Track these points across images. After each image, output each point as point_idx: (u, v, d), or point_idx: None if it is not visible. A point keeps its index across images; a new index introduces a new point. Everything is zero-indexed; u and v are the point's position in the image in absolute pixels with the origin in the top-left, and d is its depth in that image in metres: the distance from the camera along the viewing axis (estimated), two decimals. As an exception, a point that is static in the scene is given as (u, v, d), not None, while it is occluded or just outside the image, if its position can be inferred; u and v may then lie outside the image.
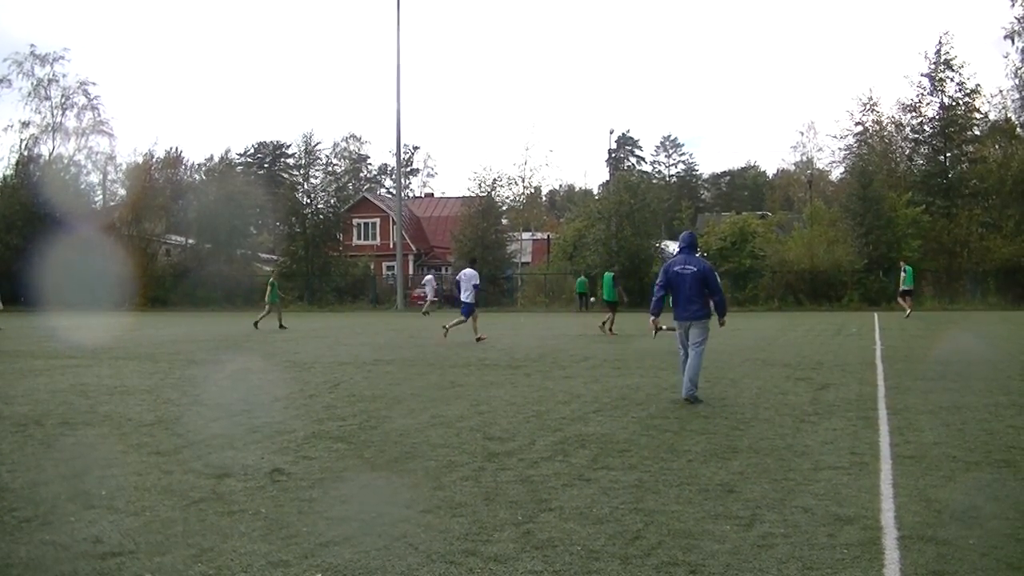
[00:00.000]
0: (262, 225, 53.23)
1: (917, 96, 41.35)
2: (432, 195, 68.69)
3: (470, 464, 5.88)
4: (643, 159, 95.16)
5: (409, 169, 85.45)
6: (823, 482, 5.30)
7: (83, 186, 47.68)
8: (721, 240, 39.82)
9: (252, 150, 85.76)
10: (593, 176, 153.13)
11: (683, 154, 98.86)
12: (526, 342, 17.50)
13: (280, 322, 22.94)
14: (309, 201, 46.17)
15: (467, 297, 17.57)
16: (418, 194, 75.55)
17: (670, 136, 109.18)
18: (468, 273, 17.84)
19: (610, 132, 69.63)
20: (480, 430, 7.19)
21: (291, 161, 64.43)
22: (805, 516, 4.55)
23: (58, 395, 9.49)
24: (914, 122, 42.04)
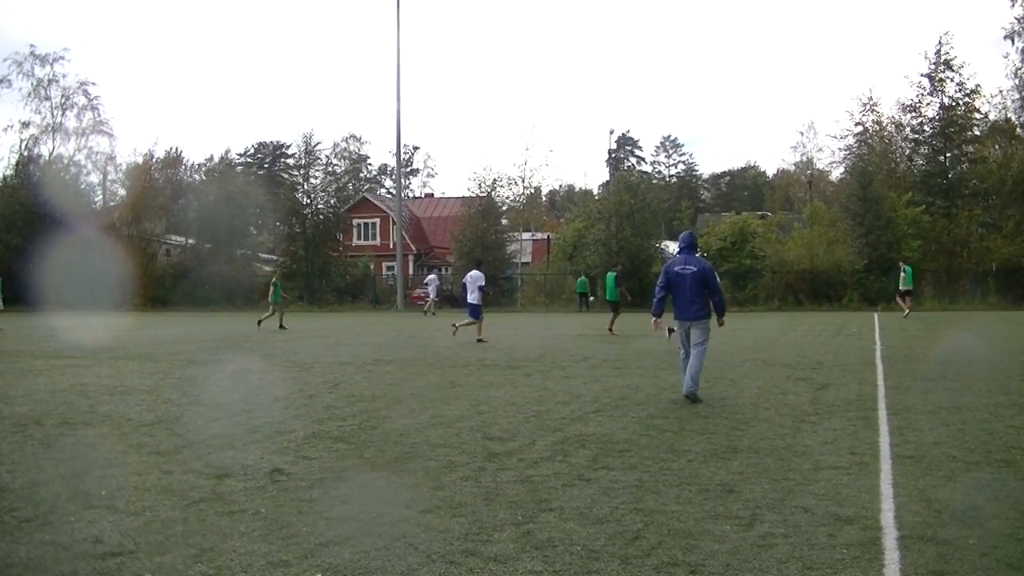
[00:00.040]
0: (262, 225, 53.26)
1: (917, 96, 41.40)
2: (432, 195, 68.73)
3: (470, 464, 5.88)
4: (643, 159, 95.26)
5: (409, 169, 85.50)
6: (823, 482, 5.30)
7: (83, 186, 47.75)
8: (721, 240, 39.84)
9: (252, 150, 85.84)
10: (593, 176, 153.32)
11: (683, 154, 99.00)
12: (526, 342, 17.50)
13: (281, 322, 22.95)
14: (309, 201, 46.18)
15: (473, 299, 17.64)
16: (418, 194, 75.60)
17: (670, 136, 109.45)
18: (474, 275, 17.95)
19: (610, 132, 69.69)
20: (480, 430, 7.19)
21: (291, 161, 64.46)
22: (805, 516, 4.55)
23: (58, 395, 9.49)
24: (914, 122, 42.06)
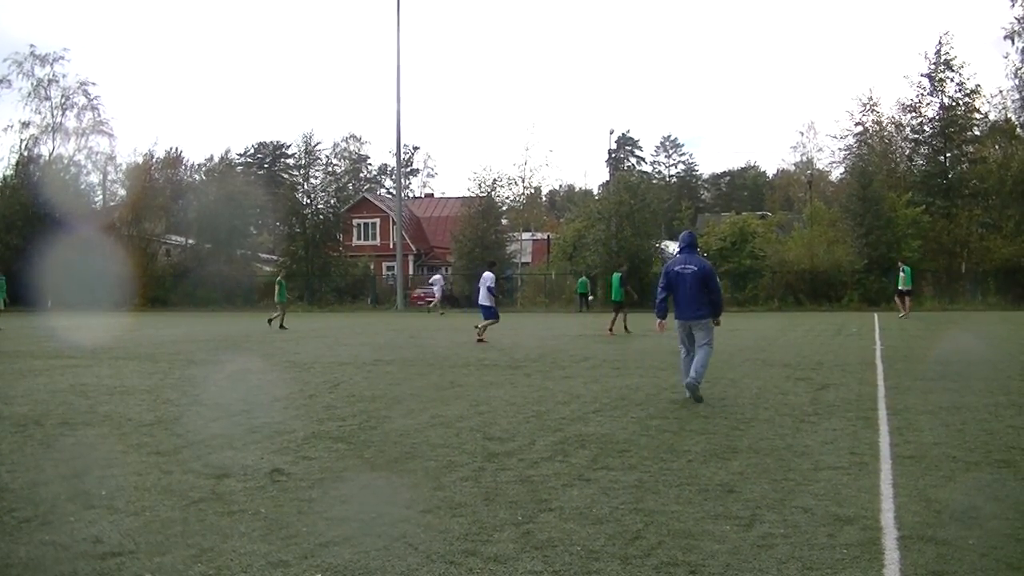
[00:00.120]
0: (262, 225, 53.27)
1: (917, 96, 41.43)
2: (432, 195, 68.76)
3: (470, 464, 5.87)
4: (643, 159, 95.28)
5: (409, 169, 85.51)
6: (823, 482, 5.30)
7: (83, 186, 47.80)
8: (721, 240, 39.85)
9: (252, 150, 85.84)
10: (593, 176, 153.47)
11: (683, 154, 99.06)
12: (526, 342, 17.50)
13: (281, 322, 22.95)
14: (309, 201, 46.19)
15: (482, 299, 17.73)
16: (418, 194, 75.63)
17: (670, 136, 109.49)
18: (485, 276, 18.10)
19: (610, 132, 69.64)
20: (480, 430, 7.19)
21: (291, 161, 64.45)
22: (805, 516, 4.54)
23: (58, 395, 9.49)
24: (914, 122, 42.09)
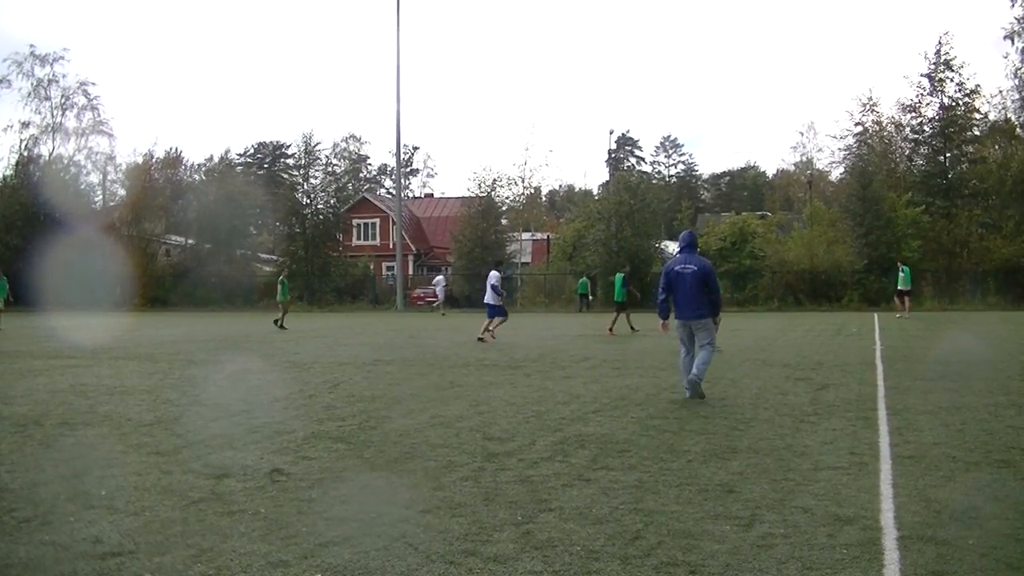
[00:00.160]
0: (262, 225, 53.27)
1: (917, 96, 41.45)
2: (432, 195, 68.75)
3: (470, 464, 5.87)
4: (643, 159, 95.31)
5: (409, 169, 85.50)
6: (823, 482, 5.29)
7: (83, 186, 47.78)
8: (721, 240, 39.86)
9: (252, 150, 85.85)
10: (593, 176, 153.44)
11: (683, 154, 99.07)
12: (526, 342, 17.50)
13: (281, 322, 22.95)
14: (309, 201, 46.19)
15: (488, 299, 17.88)
16: (418, 194, 75.62)
17: (670, 136, 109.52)
18: (491, 275, 18.33)
19: (610, 132, 69.73)
20: (480, 430, 7.19)
21: (291, 161, 64.49)
22: (805, 516, 4.54)
23: (57, 395, 9.49)
24: (914, 122, 42.11)
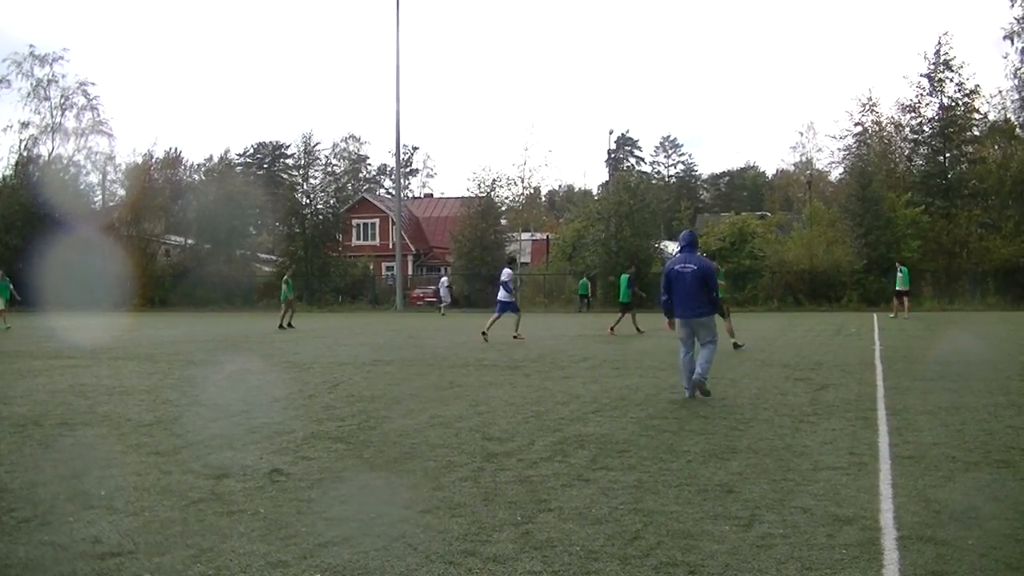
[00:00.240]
0: (261, 225, 53.30)
1: (916, 96, 41.47)
2: (431, 195, 68.78)
3: (469, 464, 5.87)
4: (642, 159, 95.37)
5: (408, 169, 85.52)
6: (822, 482, 5.29)
7: (83, 186, 47.81)
8: (720, 240, 39.86)
9: (251, 150, 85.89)
10: (593, 176, 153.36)
11: (682, 154, 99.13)
12: (526, 342, 17.49)
13: (281, 322, 22.95)
14: (308, 201, 46.19)
15: (500, 296, 18.20)
16: (417, 194, 75.65)
17: (669, 136, 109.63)
18: (504, 272, 18.62)
19: (609, 132, 69.90)
20: (479, 430, 7.18)
21: (290, 161, 64.46)
22: (804, 516, 4.54)
23: (57, 395, 9.48)
24: (913, 122, 42.13)
